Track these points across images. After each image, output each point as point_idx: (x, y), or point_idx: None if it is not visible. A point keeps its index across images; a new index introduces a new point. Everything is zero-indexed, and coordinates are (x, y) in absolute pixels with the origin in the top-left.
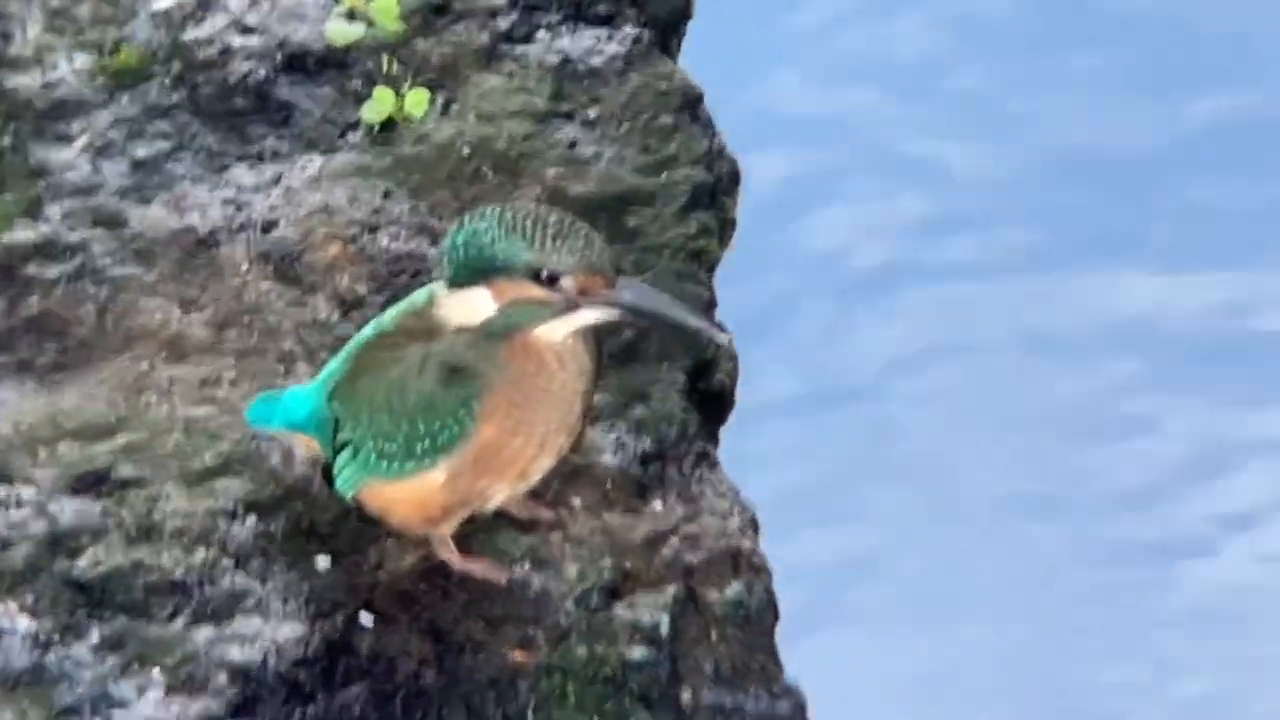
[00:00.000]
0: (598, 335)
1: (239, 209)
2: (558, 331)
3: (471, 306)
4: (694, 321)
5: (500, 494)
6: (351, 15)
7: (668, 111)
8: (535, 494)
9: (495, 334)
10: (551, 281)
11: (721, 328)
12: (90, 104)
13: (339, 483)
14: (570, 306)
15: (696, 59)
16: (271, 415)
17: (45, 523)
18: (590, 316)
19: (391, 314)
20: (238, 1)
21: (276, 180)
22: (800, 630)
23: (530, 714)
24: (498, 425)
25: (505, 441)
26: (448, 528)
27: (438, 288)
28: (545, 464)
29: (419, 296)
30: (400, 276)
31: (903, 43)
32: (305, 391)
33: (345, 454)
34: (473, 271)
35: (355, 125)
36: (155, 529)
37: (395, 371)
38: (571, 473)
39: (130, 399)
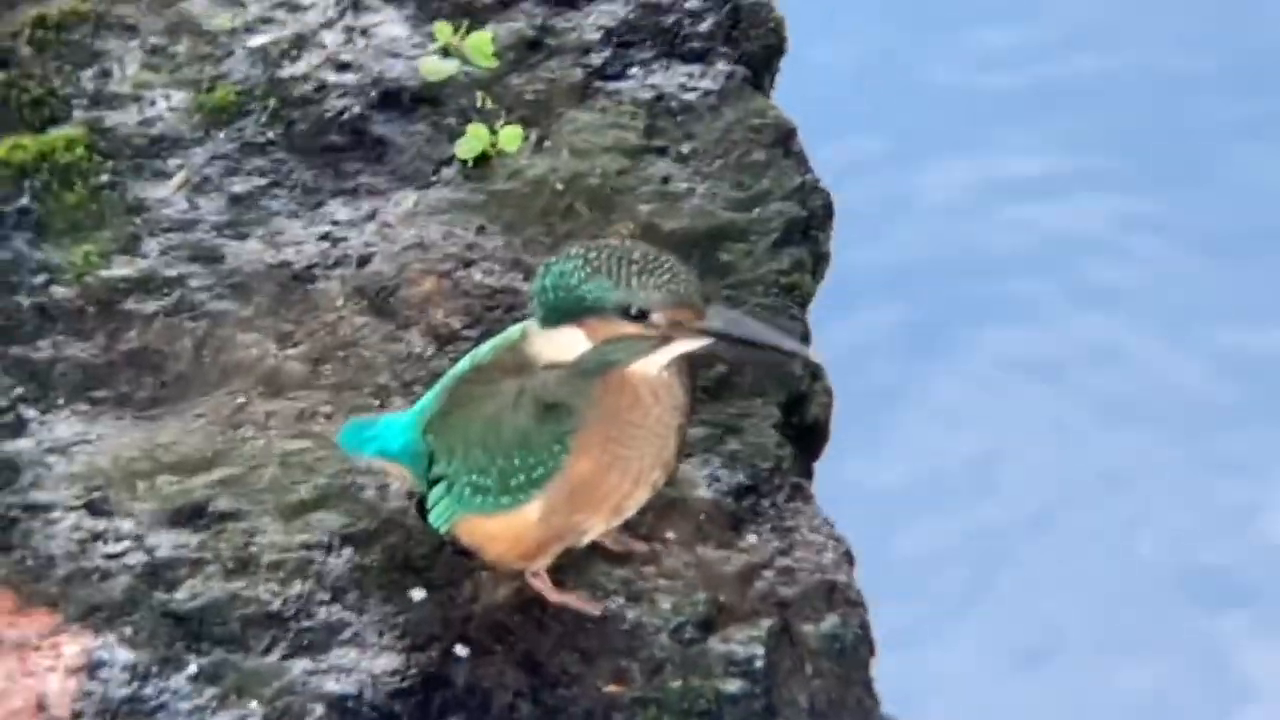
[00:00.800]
0: (691, 369)
1: (334, 244)
2: (652, 365)
3: (564, 346)
4: (789, 344)
5: (595, 529)
6: (446, 52)
7: (760, 147)
8: (629, 527)
9: (589, 371)
10: (642, 317)
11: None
12: (187, 140)
13: (433, 517)
14: (663, 340)
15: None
16: (364, 442)
17: (144, 555)
18: (683, 347)
19: (486, 349)
20: (333, 38)
21: (371, 216)
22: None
23: None
24: (593, 460)
25: (600, 477)
26: (543, 562)
27: (531, 324)
28: (640, 498)
29: (513, 332)
30: (494, 311)
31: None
32: (400, 421)
33: (439, 488)
34: (562, 313)
35: (449, 161)
36: (252, 561)
37: (490, 407)
38: (665, 506)
39: (227, 433)
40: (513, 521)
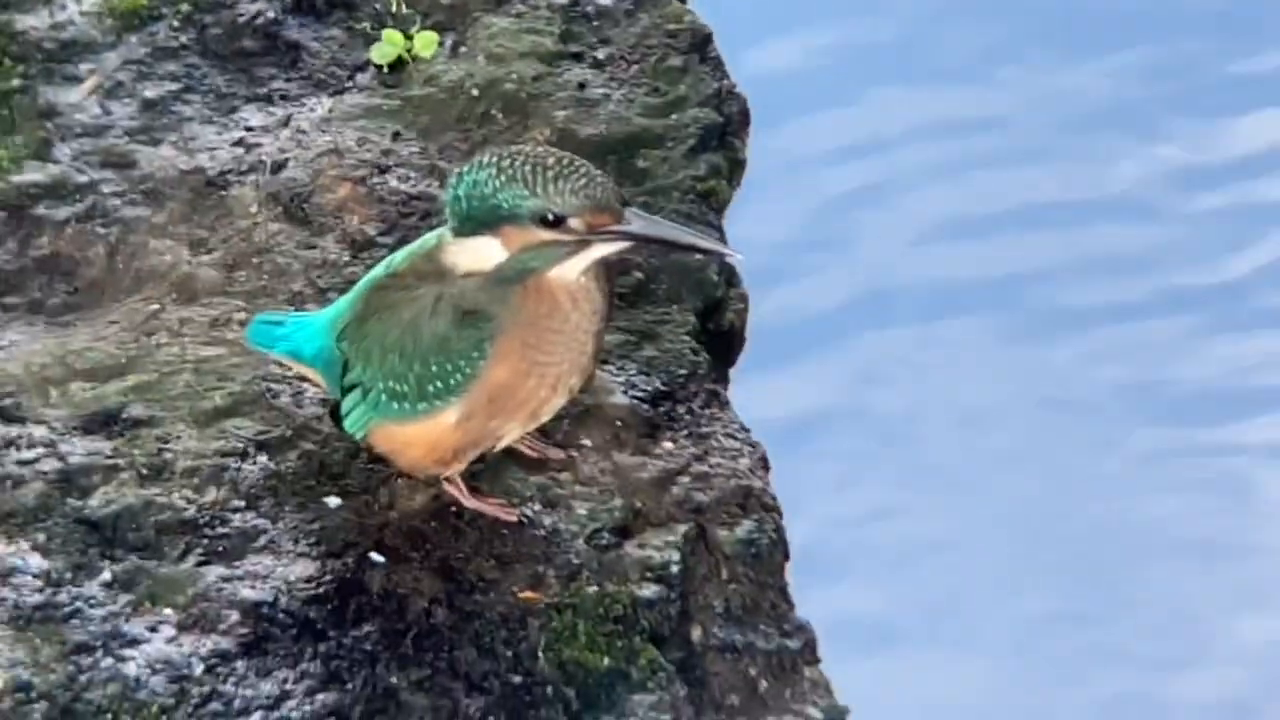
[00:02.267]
0: (609, 275)
1: (248, 150)
2: (571, 271)
3: (481, 255)
4: (706, 244)
5: (512, 434)
6: None
7: (677, 52)
8: (545, 433)
9: (508, 279)
10: (559, 223)
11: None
12: (99, 44)
13: (348, 424)
14: (581, 245)
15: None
16: (274, 340)
17: (57, 462)
18: (602, 251)
19: (402, 255)
20: None
21: (286, 121)
22: (810, 568)
23: (541, 652)
24: (511, 366)
25: (518, 383)
26: (458, 467)
27: (445, 233)
28: (557, 403)
29: (428, 239)
30: (410, 218)
31: None
32: (313, 323)
33: (354, 395)
34: (478, 222)
35: (364, 67)
36: (166, 468)
37: (407, 313)
38: (582, 413)
39: (140, 340)
40: (430, 427)
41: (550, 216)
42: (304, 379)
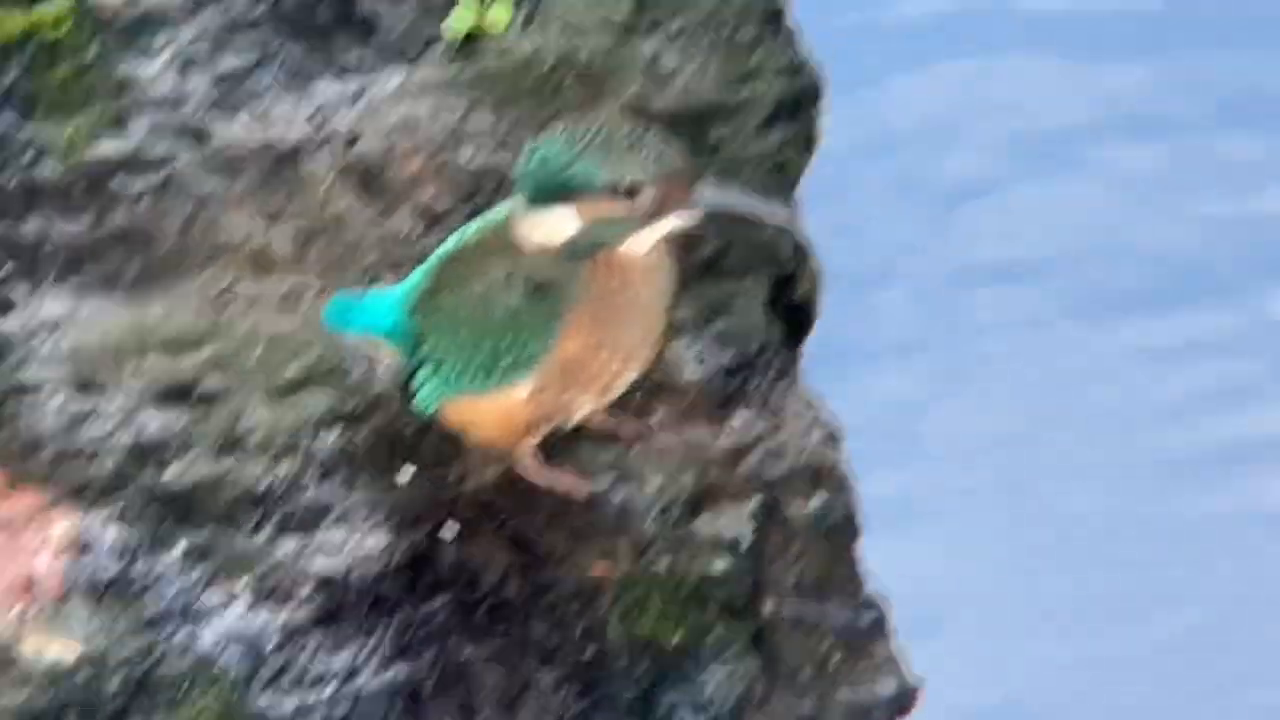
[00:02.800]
0: (680, 248)
1: (322, 123)
2: (642, 244)
3: (554, 228)
4: (778, 218)
5: (584, 408)
6: None
7: (750, 24)
8: (617, 407)
9: (580, 252)
10: (630, 195)
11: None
12: (174, 18)
13: (419, 398)
14: (652, 217)
15: None
16: (350, 319)
17: (132, 434)
18: (674, 223)
19: (473, 229)
20: None
21: (360, 94)
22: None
23: (613, 625)
24: (582, 340)
25: (590, 356)
26: (531, 442)
27: (517, 205)
28: (629, 377)
29: (500, 211)
30: (482, 191)
31: None
32: (388, 299)
33: (426, 369)
34: (550, 194)
35: (438, 39)
36: (240, 441)
37: (479, 287)
38: (654, 386)
39: (215, 312)
40: (502, 401)
41: (623, 188)
42: (379, 353)
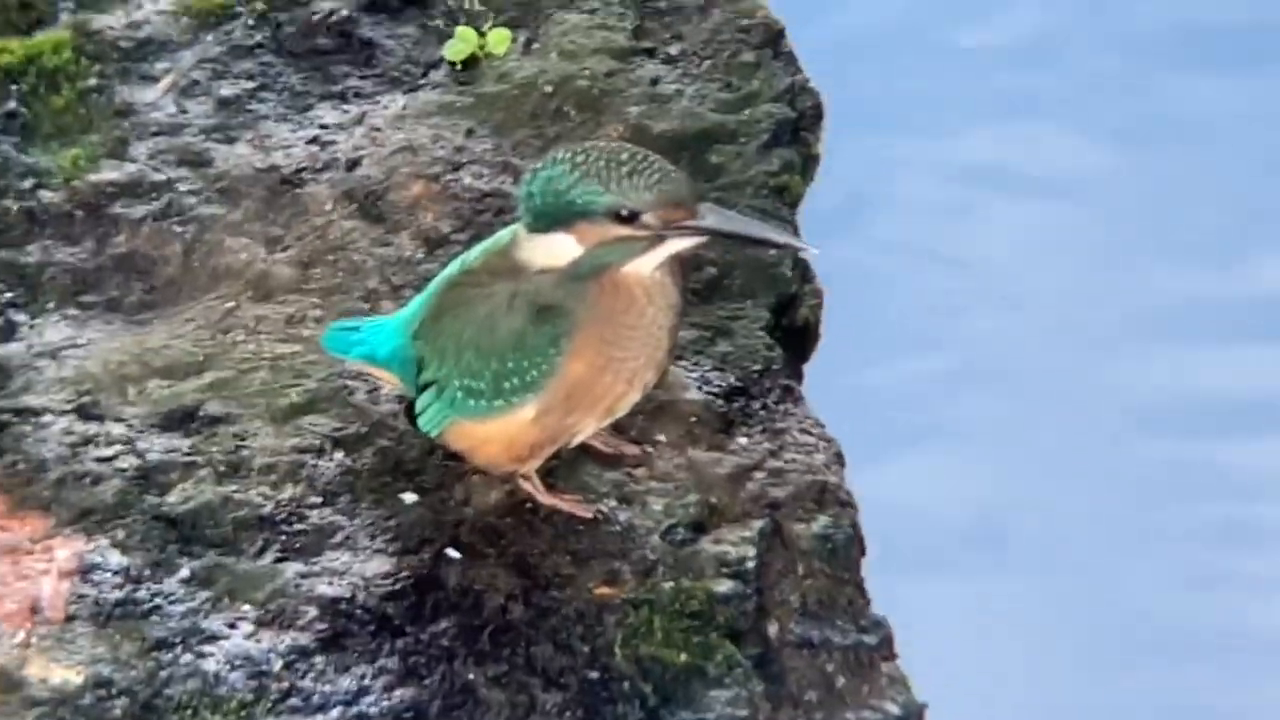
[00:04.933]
0: (683, 270)
1: (323, 148)
2: (646, 266)
3: (556, 251)
4: (782, 238)
5: (588, 430)
6: None
7: (749, 47)
8: (620, 429)
9: (584, 274)
10: (633, 218)
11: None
12: (175, 43)
13: (422, 422)
14: (656, 240)
15: None
16: (349, 346)
17: (135, 458)
18: (676, 246)
19: (476, 253)
20: None
21: (360, 119)
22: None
23: (617, 648)
24: (588, 362)
25: (595, 378)
26: (534, 464)
27: (519, 229)
28: (633, 399)
29: (502, 236)
30: (483, 215)
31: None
32: (387, 325)
33: (429, 393)
34: (552, 219)
35: (438, 64)
36: (243, 465)
37: (483, 309)
38: (656, 409)
39: (217, 337)
40: (506, 424)
41: (624, 212)
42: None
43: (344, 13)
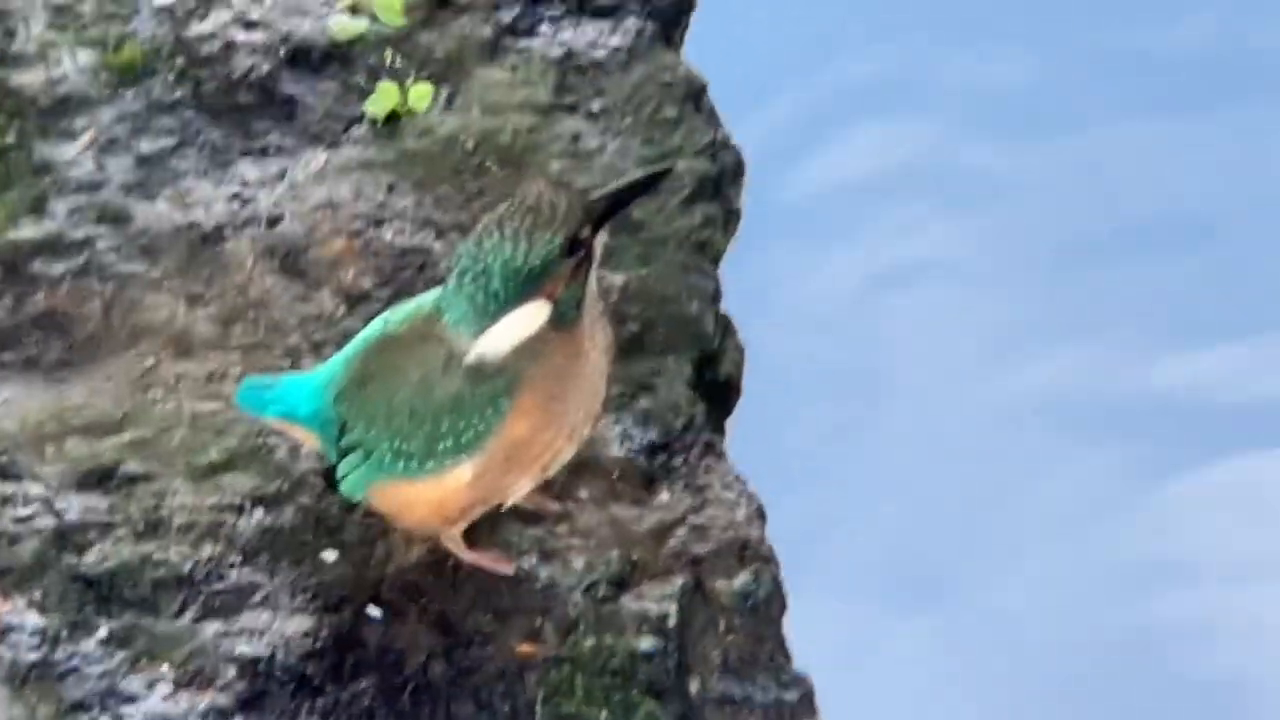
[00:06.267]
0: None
1: (244, 204)
2: (592, 284)
3: (528, 322)
4: (651, 171)
5: (523, 489)
6: (354, 9)
7: (671, 103)
8: (542, 486)
9: (567, 319)
10: (577, 244)
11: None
12: (94, 101)
13: (345, 485)
14: (590, 252)
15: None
16: (266, 404)
17: (52, 519)
18: (600, 240)
19: (399, 318)
20: None
21: (281, 175)
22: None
23: (539, 706)
24: (532, 420)
25: (536, 435)
26: (462, 526)
27: (444, 295)
28: (568, 455)
29: (426, 301)
30: (404, 271)
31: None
32: (307, 383)
33: (354, 457)
34: (521, 294)
35: (359, 120)
36: (162, 524)
37: (416, 374)
38: (578, 464)
39: (136, 395)
40: (439, 485)
41: (574, 241)
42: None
43: (265, 69)
